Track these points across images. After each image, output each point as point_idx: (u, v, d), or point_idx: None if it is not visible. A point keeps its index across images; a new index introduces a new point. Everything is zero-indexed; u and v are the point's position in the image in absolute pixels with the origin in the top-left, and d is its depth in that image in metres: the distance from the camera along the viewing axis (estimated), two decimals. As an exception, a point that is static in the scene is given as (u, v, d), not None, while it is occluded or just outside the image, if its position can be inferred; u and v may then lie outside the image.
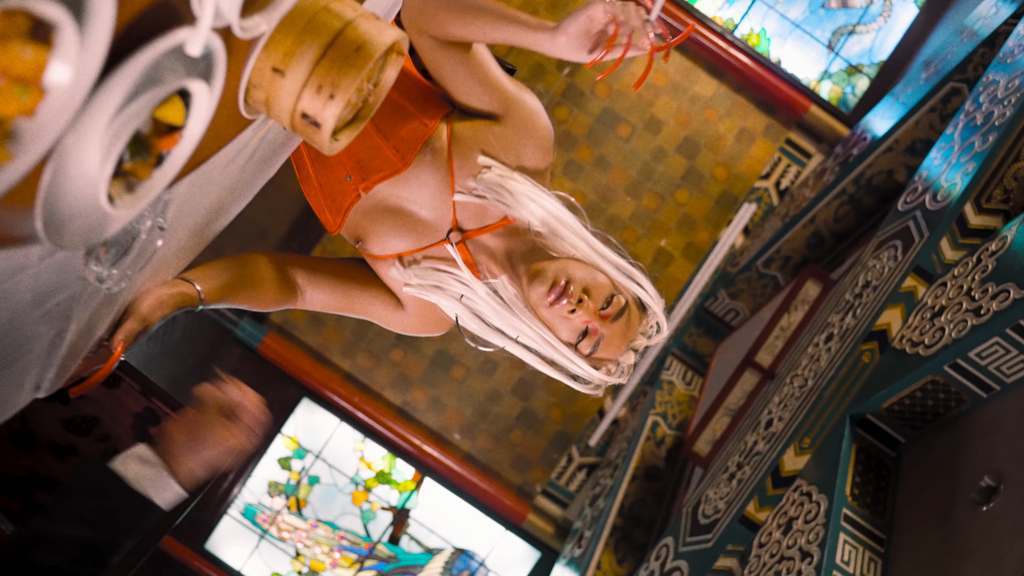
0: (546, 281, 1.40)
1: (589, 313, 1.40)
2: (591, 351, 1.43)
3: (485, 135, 1.44)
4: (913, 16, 5.45)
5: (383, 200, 1.48)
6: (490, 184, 1.42)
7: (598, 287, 1.42)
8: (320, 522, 5.51)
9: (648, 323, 1.50)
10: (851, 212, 4.49)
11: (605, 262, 1.45)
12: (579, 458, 5.51)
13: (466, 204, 1.46)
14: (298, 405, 5.52)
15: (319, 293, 1.57)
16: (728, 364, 4.35)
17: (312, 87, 0.87)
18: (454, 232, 1.47)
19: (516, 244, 1.48)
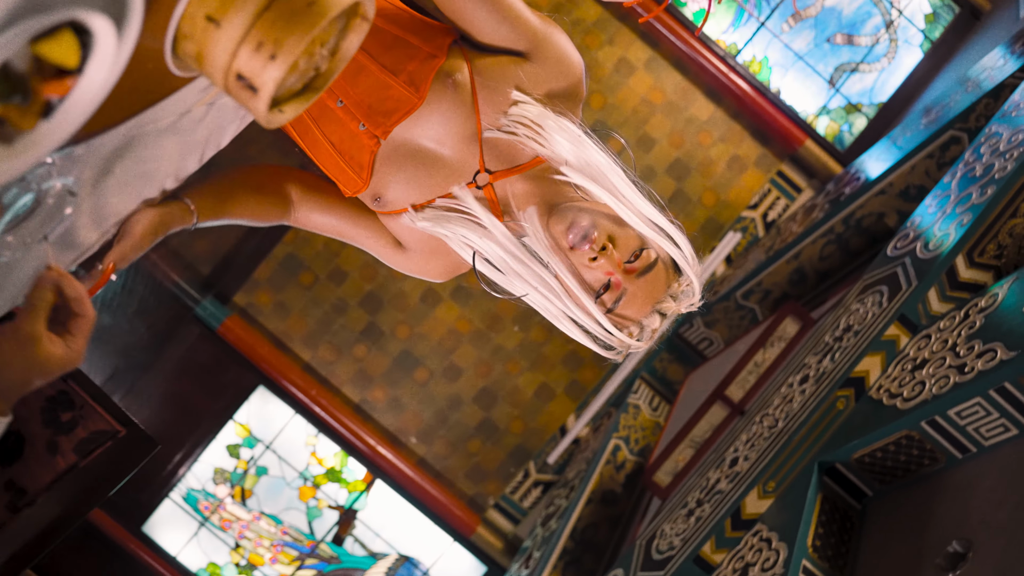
0: (569, 222, 1.31)
1: (612, 263, 1.31)
2: (612, 306, 1.33)
3: (514, 72, 1.34)
4: (917, 60, 5.38)
5: (403, 144, 1.36)
6: (521, 119, 1.32)
7: (626, 237, 1.32)
8: (264, 515, 5.34)
9: (680, 287, 1.38)
10: (837, 251, 4.40)
11: (638, 213, 1.33)
12: (536, 474, 5.38)
13: (494, 143, 1.35)
14: (253, 392, 5.35)
15: (313, 213, 1.47)
16: (697, 394, 4.24)
17: (251, 44, 0.73)
18: (481, 173, 1.36)
19: (546, 187, 1.38)
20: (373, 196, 1.40)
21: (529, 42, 1.35)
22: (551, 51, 1.36)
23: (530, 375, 5.36)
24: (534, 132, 1.32)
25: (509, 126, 1.33)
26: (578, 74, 1.39)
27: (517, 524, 5.38)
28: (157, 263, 4.55)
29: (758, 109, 5.26)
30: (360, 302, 5.34)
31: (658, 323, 1.38)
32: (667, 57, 5.32)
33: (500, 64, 1.34)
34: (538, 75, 1.35)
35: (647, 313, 1.35)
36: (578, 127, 1.34)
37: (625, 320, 1.35)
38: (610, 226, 1.32)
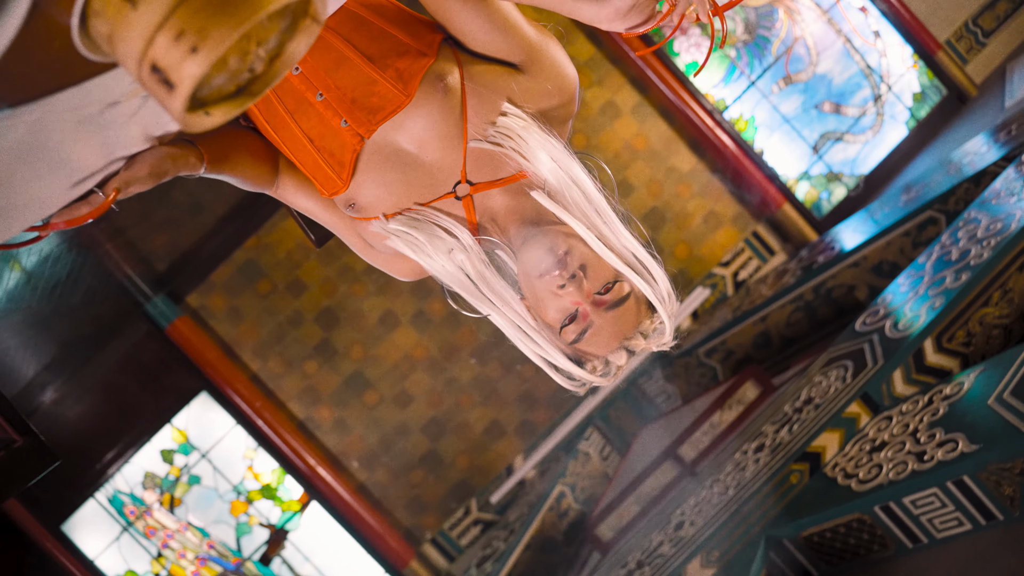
0: (541, 245, 1.24)
1: (581, 293, 1.23)
2: (575, 339, 1.25)
3: (506, 83, 1.27)
4: (901, 137, 5.40)
5: (384, 146, 1.27)
6: (508, 131, 1.26)
7: (600, 267, 1.25)
8: (191, 526, 5.14)
9: (652, 324, 1.30)
10: (805, 319, 4.35)
11: (615, 242, 1.27)
12: (477, 512, 5.23)
13: (478, 153, 1.27)
14: (195, 398, 5.17)
15: (295, 189, 1.40)
16: (649, 449, 4.14)
17: (170, 32, 0.62)
18: (462, 184, 1.29)
19: (526, 205, 1.30)
20: (346, 201, 1.32)
21: (523, 54, 1.28)
22: (545, 65, 1.29)
23: (482, 410, 5.24)
24: (519, 146, 1.25)
25: (495, 137, 1.25)
26: (572, 90, 1.32)
27: (452, 562, 5.22)
28: (111, 253, 4.39)
29: (740, 167, 5.23)
30: (316, 317, 5.20)
31: (624, 360, 1.30)
32: (654, 105, 5.28)
33: (493, 73, 1.27)
34: (531, 89, 1.28)
35: (613, 349, 1.28)
36: (564, 147, 1.27)
37: (589, 354, 1.28)
38: (584, 253, 1.24)
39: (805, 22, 5.38)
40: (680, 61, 5.32)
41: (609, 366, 1.30)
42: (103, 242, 4.23)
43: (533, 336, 1.28)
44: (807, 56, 5.39)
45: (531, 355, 1.30)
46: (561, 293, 1.22)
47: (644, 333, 1.30)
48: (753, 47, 5.36)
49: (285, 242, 5.11)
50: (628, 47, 5.13)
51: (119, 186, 1.14)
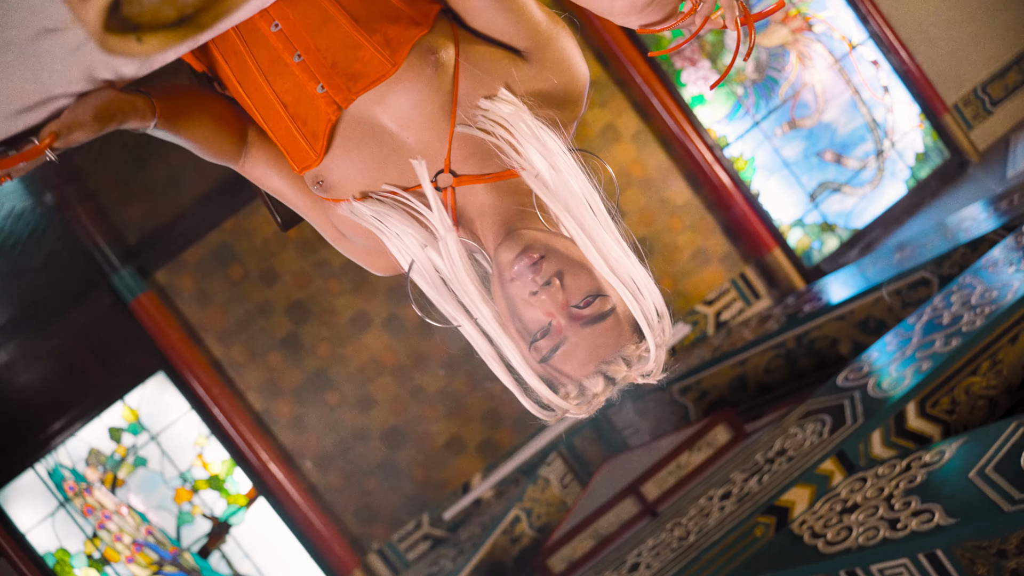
0: (516, 246, 1.10)
1: (555, 303, 1.08)
2: (546, 356, 1.10)
3: (506, 68, 1.15)
4: (900, 195, 5.34)
5: (363, 120, 1.15)
6: (499, 119, 1.13)
7: (580, 276, 1.10)
8: (131, 509, 4.95)
9: (637, 350, 1.13)
10: (784, 367, 4.26)
11: (603, 250, 1.12)
12: (428, 527, 5.08)
13: (465, 141, 1.15)
14: (152, 377, 5.00)
15: (263, 165, 1.25)
16: (612, 482, 4.02)
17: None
18: (445, 173, 1.15)
19: (510, 206, 1.17)
20: (315, 178, 1.19)
21: (530, 40, 1.16)
22: (553, 55, 1.17)
23: (445, 424, 5.10)
24: (510, 136, 1.13)
25: (485, 124, 1.13)
26: (579, 89, 1.20)
27: (396, 575, 5.06)
28: (80, 217, 4.24)
29: (734, 206, 5.15)
30: (287, 309, 5.05)
31: (601, 388, 1.13)
32: (655, 133, 5.19)
33: (493, 56, 1.16)
34: (533, 79, 1.17)
35: (589, 373, 1.12)
36: (560, 141, 1.14)
37: (562, 376, 1.12)
38: (564, 260, 1.11)
39: (816, 68, 5.32)
40: (687, 92, 5.24)
41: (584, 394, 1.14)
42: (73, 204, 4.07)
43: (504, 350, 1.14)
44: (814, 103, 5.32)
45: (500, 373, 1.16)
46: (533, 301, 1.08)
47: (627, 359, 1.14)
48: (761, 87, 5.29)
49: (263, 229, 4.97)
50: (635, 70, 5.05)
51: (58, 130, 1.01)
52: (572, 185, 1.14)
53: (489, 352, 1.15)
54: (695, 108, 5.23)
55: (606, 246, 1.13)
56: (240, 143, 1.24)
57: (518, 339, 1.12)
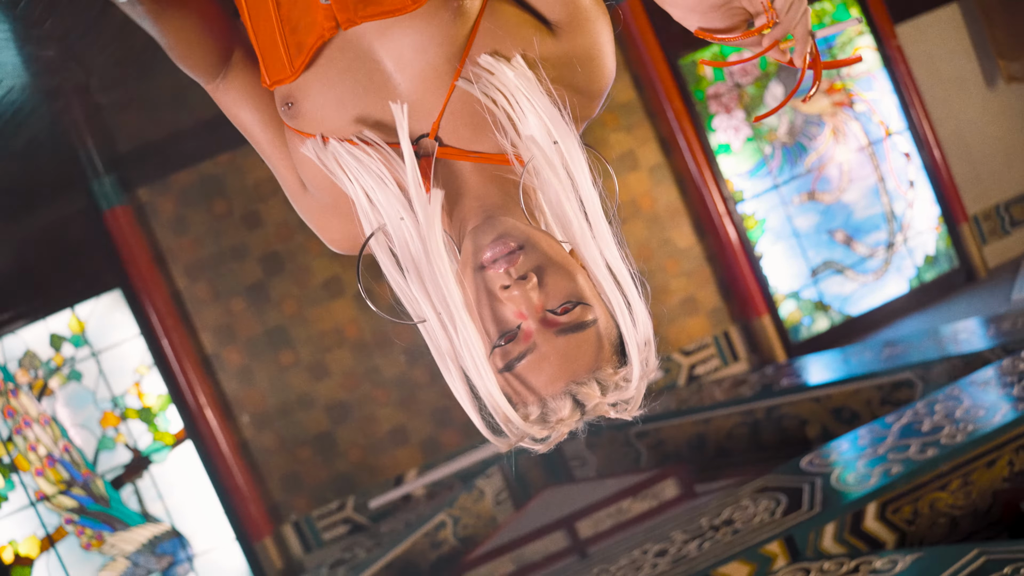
0: (493, 231, 0.95)
1: (528, 303, 0.92)
2: (510, 363, 0.94)
3: (529, 36, 1.01)
4: (901, 292, 5.24)
5: (358, 48, 1.00)
6: (502, 85, 0.98)
7: (561, 277, 0.94)
8: (54, 421, 4.75)
9: (616, 375, 0.97)
10: (747, 436, 4.14)
11: (597, 252, 0.97)
12: (351, 511, 4.91)
13: (460, 108, 1.00)
14: (107, 292, 4.81)
15: (240, 89, 1.08)
16: (547, 511, 3.87)
17: None
18: (430, 138, 1.00)
19: (495, 193, 1.01)
20: (286, 98, 1.03)
21: (565, 13, 1.02)
22: (584, 39, 1.03)
23: (393, 411, 4.93)
24: (509, 107, 0.98)
25: (489, 89, 0.99)
26: (601, 84, 1.06)
27: (307, 552, 4.89)
28: (73, 111, 4.05)
29: (734, 263, 5.03)
30: (262, 257, 4.87)
31: (568, 411, 0.95)
32: (674, 171, 5.07)
33: (520, 19, 1.02)
34: (555, 57, 1.02)
35: (557, 391, 0.94)
36: (567, 124, 0.99)
37: (525, 390, 0.96)
38: (545, 256, 0.95)
39: (847, 146, 5.22)
40: (714, 138, 5.12)
41: (547, 418, 0.96)
42: (68, 95, 3.88)
43: (465, 350, 0.96)
44: (837, 180, 5.22)
45: (453, 379, 0.99)
46: (504, 297, 0.93)
47: (602, 383, 0.96)
48: (789, 151, 5.19)
49: (257, 170, 4.80)
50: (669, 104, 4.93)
51: None
52: (570, 177, 0.99)
53: (447, 351, 0.98)
54: (719, 155, 5.12)
55: (599, 250, 0.98)
56: (221, 60, 1.08)
57: (475, 336, 0.95)
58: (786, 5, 0.96)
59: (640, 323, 0.98)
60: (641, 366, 0.98)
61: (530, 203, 1.04)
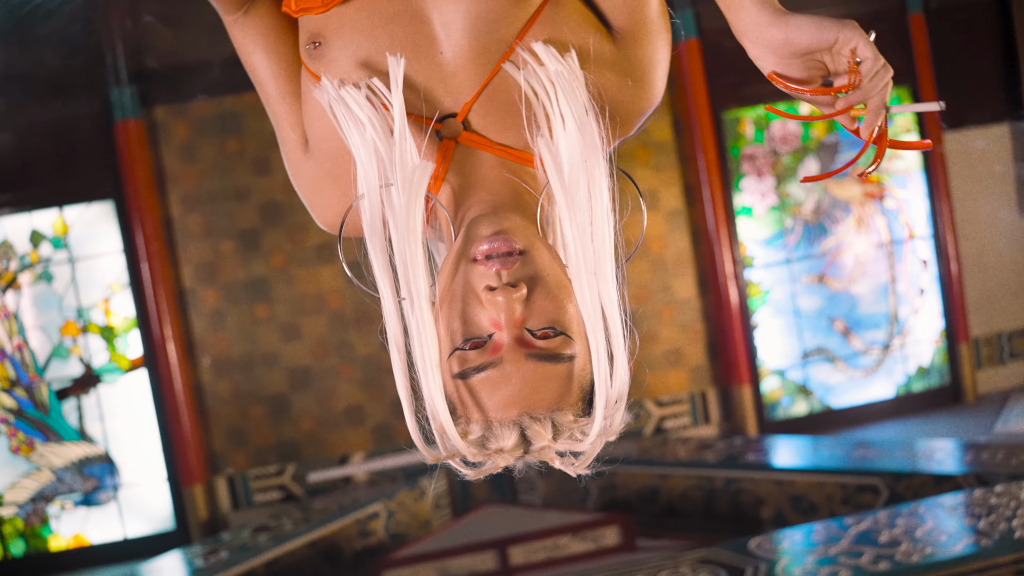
0: (497, 224, 0.85)
1: (510, 314, 0.83)
2: (467, 372, 0.84)
3: (586, 35, 0.94)
4: (887, 396, 5.17)
5: (410, 1, 0.92)
6: (548, 79, 0.89)
7: (552, 300, 0.85)
8: (13, 317, 4.63)
9: (576, 423, 0.87)
10: (701, 502, 4.04)
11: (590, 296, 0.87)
12: (288, 480, 4.80)
13: (496, 96, 0.92)
14: (100, 202, 4.70)
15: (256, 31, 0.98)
16: (483, 527, 3.77)
17: None
18: (457, 120, 0.92)
19: (509, 191, 0.92)
20: (314, 36, 0.94)
21: (629, 21, 0.95)
22: (642, 52, 0.96)
23: (355, 389, 4.83)
24: (548, 101, 0.90)
25: (533, 79, 0.90)
26: (645, 103, 0.98)
27: (235, 510, 4.77)
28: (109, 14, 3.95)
29: (728, 327, 4.94)
30: (262, 205, 4.77)
31: (511, 445, 0.86)
32: (691, 221, 4.99)
33: (583, 17, 0.95)
34: (608, 64, 0.95)
35: (507, 417, 0.85)
36: (600, 140, 0.90)
37: (473, 405, 0.86)
38: (543, 271, 0.86)
39: (867, 239, 5.15)
40: (739, 198, 5.05)
41: (486, 443, 0.87)
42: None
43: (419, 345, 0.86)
44: (850, 269, 5.15)
45: (398, 372, 0.89)
46: (486, 299, 0.83)
47: (557, 426, 0.87)
48: (810, 229, 5.11)
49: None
50: (703, 153, 4.85)
51: None
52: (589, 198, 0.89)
53: (398, 338, 0.89)
54: (739, 216, 5.04)
55: (596, 288, 0.89)
56: None
57: (443, 338, 0.86)
58: (872, 71, 0.89)
59: (617, 379, 0.89)
60: (604, 423, 0.88)
61: (544, 213, 0.94)
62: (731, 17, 0.93)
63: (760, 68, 0.96)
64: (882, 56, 0.89)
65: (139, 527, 4.75)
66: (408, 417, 0.89)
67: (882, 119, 0.93)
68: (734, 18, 0.93)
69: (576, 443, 0.88)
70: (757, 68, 0.97)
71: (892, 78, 0.92)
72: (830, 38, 0.88)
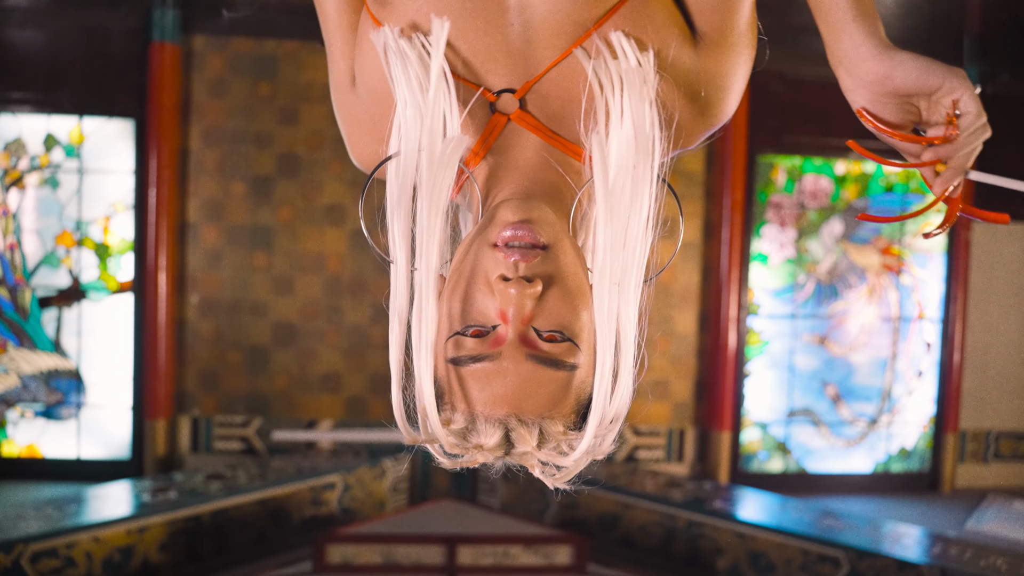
0: (524, 212, 0.80)
1: (519, 309, 0.78)
2: (461, 359, 0.79)
3: (668, 36, 0.87)
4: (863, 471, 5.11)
5: None
6: (619, 74, 0.84)
7: (566, 304, 0.80)
8: (12, 216, 4.57)
9: (564, 435, 0.82)
10: (659, 538, 3.97)
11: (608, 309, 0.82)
12: (251, 433, 4.73)
13: (563, 77, 0.88)
14: (121, 119, 4.64)
15: None
16: (436, 520, 3.70)
17: None
18: (513, 98, 0.88)
19: (548, 182, 0.86)
20: None
21: (714, 27, 0.89)
22: (723, 63, 0.90)
23: (337, 357, 4.76)
24: (612, 96, 0.83)
25: (603, 73, 0.84)
26: (716, 119, 0.92)
27: (193, 452, 4.70)
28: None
29: (720, 370, 4.87)
30: (282, 154, 4.70)
31: (492, 443, 0.81)
32: (704, 257, 4.92)
33: (669, 16, 0.88)
34: (685, 70, 0.89)
35: (495, 415, 0.80)
36: (655, 151, 0.84)
37: (461, 395, 0.81)
38: (563, 274, 0.80)
39: (876, 310, 5.08)
40: (756, 244, 4.98)
41: (467, 436, 0.81)
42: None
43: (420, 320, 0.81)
44: (853, 337, 5.08)
45: (393, 341, 0.84)
46: (497, 289, 0.78)
47: (544, 435, 0.82)
48: (821, 289, 5.05)
49: (315, 72, 4.64)
50: (730, 193, 4.78)
51: None
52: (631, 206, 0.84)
53: (401, 311, 0.84)
54: (754, 262, 4.97)
55: (617, 301, 0.83)
56: None
57: (443, 318, 0.81)
58: (971, 127, 0.82)
59: (618, 399, 0.83)
60: (594, 441, 0.82)
61: (580, 211, 0.89)
62: (830, 41, 0.86)
63: (849, 101, 0.90)
64: (985, 114, 0.82)
65: (94, 450, 4.68)
66: (395, 391, 0.83)
67: (960, 181, 0.87)
68: (834, 42, 0.86)
69: (560, 456, 0.83)
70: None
71: None
72: (934, 83, 0.82)
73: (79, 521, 3.40)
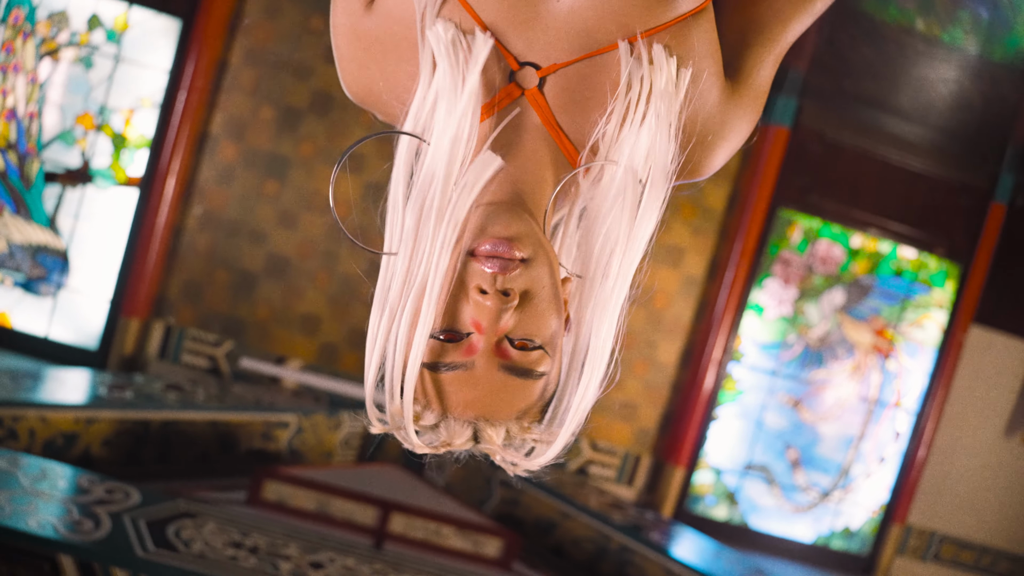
0: (510, 227, 0.79)
1: (493, 321, 0.78)
2: (435, 364, 0.79)
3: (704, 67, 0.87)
4: (803, 539, 5.11)
5: None
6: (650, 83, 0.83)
7: (540, 315, 0.80)
8: (40, 86, 4.54)
9: (529, 432, 0.84)
10: (590, 554, 3.99)
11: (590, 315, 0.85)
12: (220, 354, 4.73)
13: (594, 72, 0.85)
14: (168, 16, 4.62)
15: None
16: (377, 484, 3.71)
17: None
18: (535, 74, 0.85)
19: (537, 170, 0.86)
20: None
21: (738, 71, 0.90)
22: (730, 114, 0.90)
23: (321, 300, 4.76)
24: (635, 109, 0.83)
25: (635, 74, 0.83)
26: (703, 169, 0.92)
27: (159, 359, 4.70)
28: None
29: (690, 408, 4.88)
30: (318, 91, 4.69)
31: (461, 440, 0.83)
32: (702, 294, 4.93)
33: (712, 48, 0.88)
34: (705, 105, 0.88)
35: (465, 416, 0.81)
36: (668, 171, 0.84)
37: (434, 397, 0.82)
38: (539, 287, 0.79)
39: (855, 388, 5.09)
40: (755, 294, 4.98)
41: (437, 430, 0.83)
42: None
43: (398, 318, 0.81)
44: (826, 408, 5.09)
45: (374, 330, 0.84)
46: (474, 299, 0.78)
47: (511, 434, 0.83)
48: (807, 354, 5.05)
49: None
50: (743, 239, 4.78)
51: None
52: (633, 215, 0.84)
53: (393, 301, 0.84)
54: (748, 311, 4.97)
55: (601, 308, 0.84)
56: None
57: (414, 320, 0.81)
58: None
59: (579, 410, 0.84)
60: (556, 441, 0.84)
61: (553, 212, 0.89)
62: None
63: None
64: None
65: (64, 333, 4.68)
66: (369, 378, 0.83)
67: None
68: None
69: (522, 457, 0.85)
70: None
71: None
72: None
73: (31, 397, 3.40)
